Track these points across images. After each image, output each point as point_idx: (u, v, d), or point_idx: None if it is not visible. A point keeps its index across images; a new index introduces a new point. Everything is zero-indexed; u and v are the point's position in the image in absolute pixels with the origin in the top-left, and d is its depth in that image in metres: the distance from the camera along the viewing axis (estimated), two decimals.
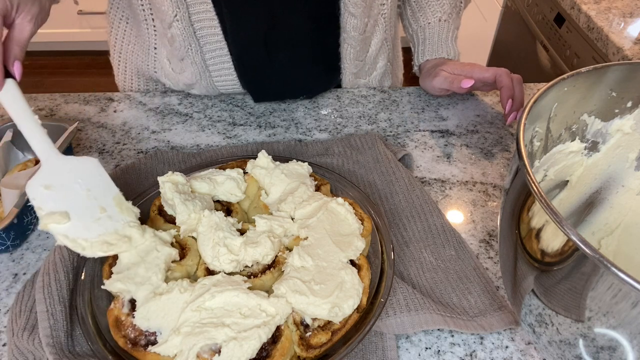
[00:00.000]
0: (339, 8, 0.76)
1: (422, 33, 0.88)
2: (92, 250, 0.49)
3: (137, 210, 0.53)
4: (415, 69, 0.91)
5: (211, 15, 0.74)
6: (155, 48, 0.82)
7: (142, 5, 0.77)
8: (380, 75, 0.92)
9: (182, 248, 0.54)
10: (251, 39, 0.77)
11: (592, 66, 0.44)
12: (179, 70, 0.81)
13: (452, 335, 0.52)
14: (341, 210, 0.56)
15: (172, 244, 0.53)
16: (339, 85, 0.89)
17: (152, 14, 0.77)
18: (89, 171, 0.50)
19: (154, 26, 0.79)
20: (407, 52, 0.95)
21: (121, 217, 0.51)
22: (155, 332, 0.46)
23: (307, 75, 0.84)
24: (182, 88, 0.85)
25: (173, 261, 0.52)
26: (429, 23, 0.87)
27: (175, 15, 0.72)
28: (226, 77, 0.82)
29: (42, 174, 0.48)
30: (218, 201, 0.60)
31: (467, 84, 0.76)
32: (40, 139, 0.49)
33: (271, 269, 0.51)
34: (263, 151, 0.63)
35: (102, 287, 0.49)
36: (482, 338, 0.52)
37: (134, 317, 0.47)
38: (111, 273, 0.50)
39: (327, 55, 0.83)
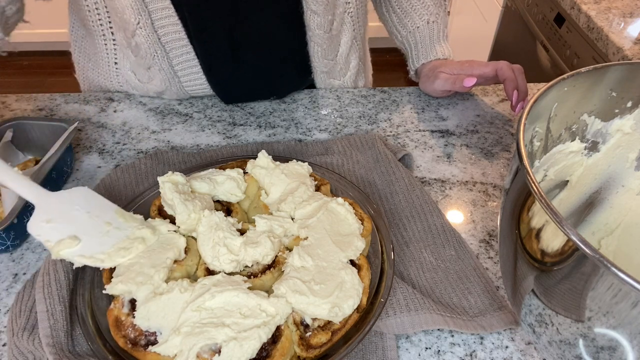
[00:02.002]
0: (302, 6, 0.75)
1: (413, 38, 0.87)
2: (111, 259, 0.50)
3: (139, 217, 0.54)
4: (412, 73, 0.91)
5: (174, 20, 0.73)
6: (115, 63, 0.81)
7: (100, 20, 0.76)
8: (355, 76, 0.92)
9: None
10: (216, 40, 0.76)
11: (592, 66, 0.44)
12: (147, 80, 0.81)
13: (452, 335, 0.52)
14: (341, 210, 0.56)
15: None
16: (313, 86, 0.89)
17: (110, 28, 0.77)
18: (83, 198, 0.53)
19: (113, 40, 0.78)
20: (399, 54, 0.94)
21: (127, 225, 0.53)
22: (155, 332, 0.46)
23: (275, 75, 0.83)
24: (152, 96, 0.85)
25: (175, 261, 0.52)
26: (418, 27, 0.86)
27: (138, 23, 0.71)
28: (195, 80, 0.81)
29: (38, 213, 0.49)
30: (218, 201, 0.60)
31: (470, 82, 0.76)
32: (25, 185, 0.50)
33: (271, 269, 0.51)
34: (263, 151, 0.63)
35: (104, 291, 0.49)
36: (482, 338, 0.52)
37: (134, 317, 0.47)
38: (111, 275, 0.50)
39: (296, 54, 0.83)
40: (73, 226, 0.50)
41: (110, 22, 0.76)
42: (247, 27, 0.76)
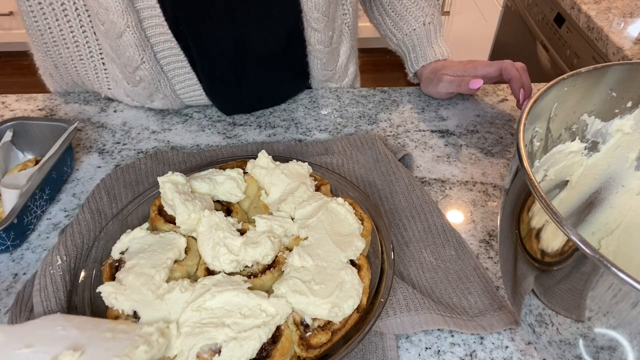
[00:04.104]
0: (302, 23, 0.75)
1: (410, 40, 0.87)
2: (130, 358, 0.40)
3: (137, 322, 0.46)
4: (411, 76, 0.91)
5: (177, 51, 0.73)
6: (109, 88, 0.81)
7: (91, 52, 0.76)
8: (352, 81, 0.92)
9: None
10: (220, 65, 0.76)
11: (592, 66, 0.44)
12: (147, 102, 0.81)
13: (452, 335, 0.52)
14: (341, 210, 0.56)
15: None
16: (309, 87, 0.89)
17: (102, 59, 0.76)
18: (62, 320, 0.43)
19: (105, 70, 0.78)
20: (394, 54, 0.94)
21: (132, 328, 0.44)
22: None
23: (276, 86, 0.84)
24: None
25: (175, 261, 0.52)
26: (415, 29, 0.86)
27: (142, 58, 0.71)
28: (197, 99, 0.82)
29: (7, 344, 0.40)
30: (218, 201, 0.60)
31: (477, 84, 0.75)
32: None
33: (271, 269, 0.51)
34: (263, 151, 0.63)
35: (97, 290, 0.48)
36: (482, 338, 0.52)
37: (134, 317, 0.47)
38: (113, 275, 0.50)
39: (295, 65, 0.83)
40: (63, 343, 0.40)
41: (101, 53, 0.76)
42: (250, 51, 0.76)
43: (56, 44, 0.76)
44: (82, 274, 0.51)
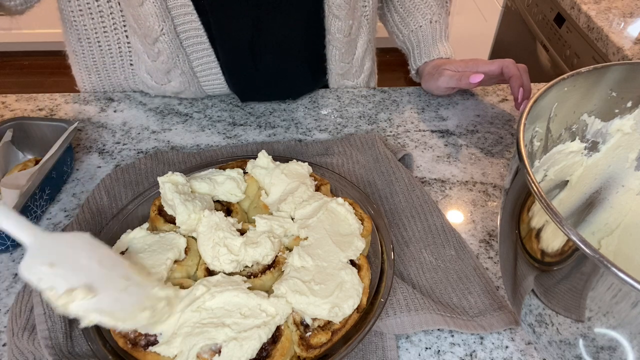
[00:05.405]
0: (323, 10, 0.76)
1: (415, 37, 0.88)
2: (134, 320, 0.41)
3: (154, 275, 0.47)
4: (413, 72, 0.91)
5: (197, 25, 0.74)
6: (131, 64, 0.81)
7: (115, 24, 0.76)
8: (367, 77, 0.92)
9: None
10: (237, 44, 0.77)
11: (592, 66, 0.44)
12: (165, 82, 0.81)
13: (452, 335, 0.52)
14: (341, 210, 0.56)
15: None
16: (326, 86, 0.89)
17: (125, 31, 0.77)
18: (88, 245, 0.44)
19: (128, 43, 0.78)
20: (399, 54, 0.94)
21: (146, 283, 0.44)
22: (155, 333, 0.46)
23: (293, 76, 0.84)
24: (168, 95, 0.85)
25: (175, 261, 0.52)
26: (421, 26, 0.86)
27: (162, 30, 0.72)
28: (214, 81, 0.82)
29: (35, 254, 0.40)
30: (218, 201, 0.60)
31: (477, 78, 0.76)
32: (16, 221, 0.41)
33: (271, 269, 0.51)
34: (263, 151, 0.63)
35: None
36: (482, 338, 0.52)
37: None
38: None
39: (313, 56, 0.83)
40: (83, 275, 0.40)
41: (125, 25, 0.76)
42: (269, 32, 0.76)
43: (82, 14, 0.76)
44: None
